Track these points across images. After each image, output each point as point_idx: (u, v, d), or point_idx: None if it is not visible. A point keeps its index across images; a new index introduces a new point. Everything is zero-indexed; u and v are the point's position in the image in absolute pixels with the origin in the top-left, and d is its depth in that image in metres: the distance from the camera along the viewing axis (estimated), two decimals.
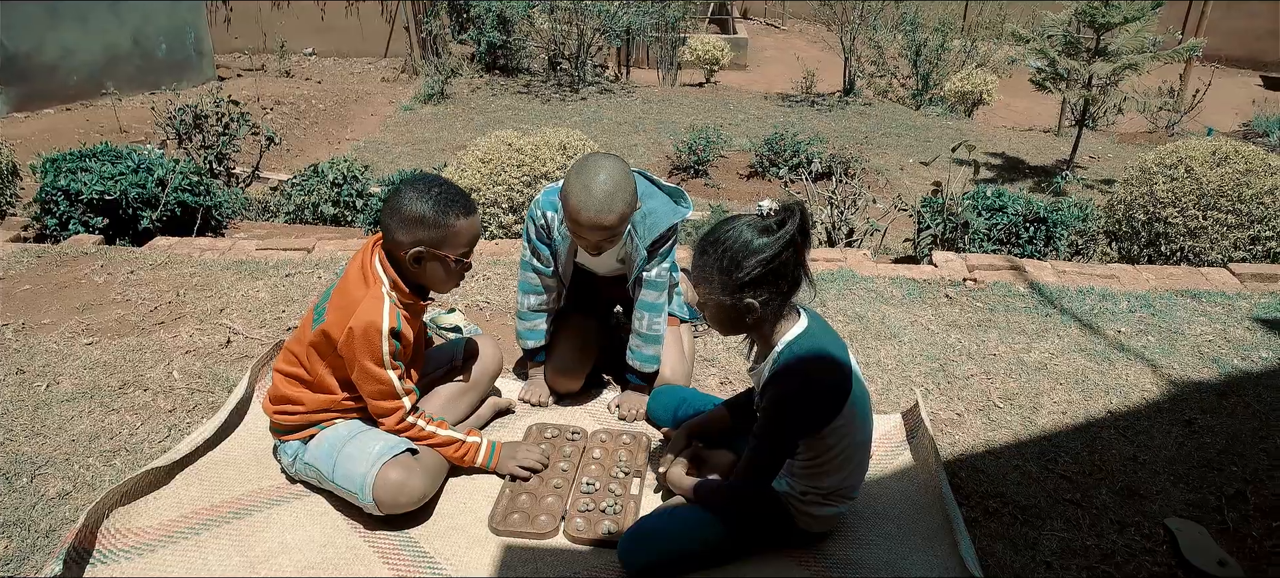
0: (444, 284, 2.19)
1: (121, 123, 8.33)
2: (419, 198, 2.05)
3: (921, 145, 8.93)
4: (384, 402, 2.14)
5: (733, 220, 1.85)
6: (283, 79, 11.33)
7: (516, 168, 4.37)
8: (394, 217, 2.07)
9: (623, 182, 2.25)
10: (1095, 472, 2.44)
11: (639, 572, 1.96)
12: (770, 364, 1.88)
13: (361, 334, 2.04)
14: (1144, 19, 7.93)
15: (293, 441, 2.22)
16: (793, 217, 1.78)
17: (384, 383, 2.11)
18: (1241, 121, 10.56)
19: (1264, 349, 3.16)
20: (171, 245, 3.99)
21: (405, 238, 2.07)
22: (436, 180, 2.10)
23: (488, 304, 3.41)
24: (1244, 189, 4.34)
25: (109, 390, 2.74)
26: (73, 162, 4.37)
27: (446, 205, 2.06)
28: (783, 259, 1.79)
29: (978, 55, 11.92)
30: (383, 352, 2.06)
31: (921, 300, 3.50)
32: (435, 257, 2.10)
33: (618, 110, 9.93)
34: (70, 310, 3.29)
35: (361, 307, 2.06)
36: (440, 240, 2.08)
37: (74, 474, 2.34)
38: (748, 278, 1.79)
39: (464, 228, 2.10)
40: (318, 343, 2.13)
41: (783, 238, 1.77)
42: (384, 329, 2.05)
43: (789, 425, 1.88)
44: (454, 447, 2.24)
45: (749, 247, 1.78)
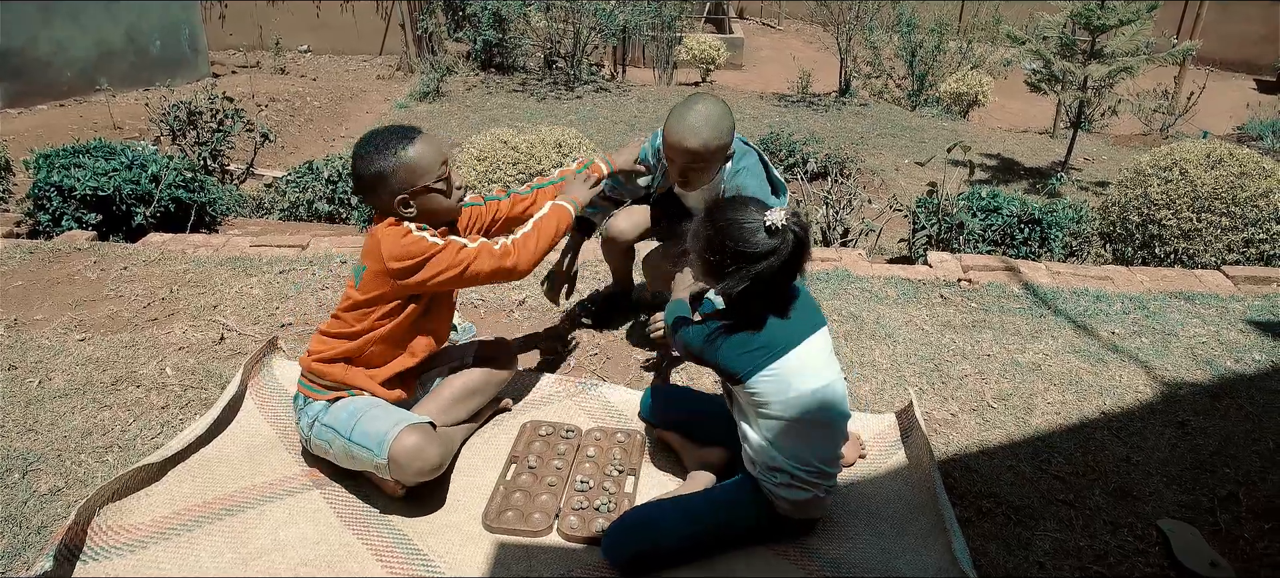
0: (446, 208, 2.22)
1: (115, 119, 8.30)
2: (367, 161, 2.11)
3: (917, 146, 8.94)
4: (462, 255, 2.16)
5: (744, 208, 1.87)
6: (278, 76, 11.31)
7: (512, 166, 4.36)
8: (364, 189, 2.15)
9: (715, 119, 2.45)
10: (1088, 473, 2.44)
11: (626, 564, 1.97)
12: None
13: (393, 247, 2.09)
14: (1139, 22, 7.95)
15: (318, 401, 2.20)
16: (785, 245, 1.82)
17: (445, 248, 2.14)
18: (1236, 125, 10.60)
19: (1257, 351, 3.17)
20: (165, 242, 3.98)
21: (386, 197, 2.12)
22: (370, 136, 2.15)
23: (482, 301, 3.41)
24: (1238, 192, 4.36)
25: (102, 387, 2.73)
26: (66, 158, 4.35)
27: (390, 147, 2.10)
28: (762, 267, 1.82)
29: (973, 57, 11.94)
30: (425, 238, 2.12)
31: (916, 300, 3.50)
32: (418, 192, 2.13)
33: (613, 109, 9.92)
34: (63, 307, 3.27)
35: (385, 233, 2.13)
36: (409, 177, 2.11)
37: (66, 471, 2.33)
38: (730, 287, 1.85)
39: (417, 152, 2.12)
40: (366, 284, 2.15)
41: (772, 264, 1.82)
42: (406, 226, 2.13)
43: (694, 343, 1.97)
44: (543, 225, 2.32)
45: (741, 253, 1.83)
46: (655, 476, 2.34)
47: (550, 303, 3.05)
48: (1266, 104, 11.68)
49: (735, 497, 2.03)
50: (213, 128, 6.01)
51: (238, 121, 6.13)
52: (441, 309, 2.35)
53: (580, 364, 2.97)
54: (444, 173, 2.18)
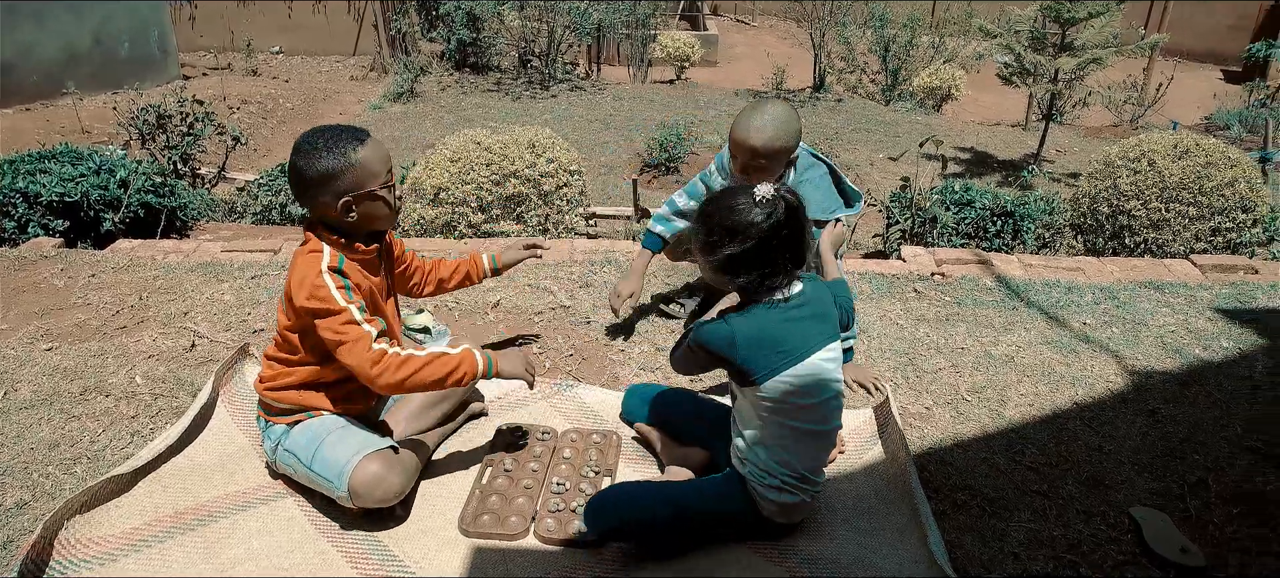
0: (386, 216, 2.15)
1: (83, 123, 8.19)
2: (314, 158, 2.00)
3: (891, 140, 8.99)
4: (347, 332, 2.00)
5: (734, 193, 1.91)
6: (249, 78, 11.20)
7: (485, 167, 4.34)
8: (305, 189, 2.04)
9: (782, 120, 2.52)
10: (1062, 463, 2.47)
11: (607, 532, 2.02)
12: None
13: (304, 284, 2.01)
14: (1108, 14, 8.04)
15: (278, 424, 2.18)
16: (777, 212, 1.85)
17: (341, 312, 2.00)
18: (1204, 115, 10.76)
19: (1224, 339, 3.21)
20: (134, 248, 3.93)
21: (328, 198, 2.03)
22: (317, 133, 2.05)
23: (457, 304, 3.39)
24: (1205, 182, 4.42)
25: (69, 397, 2.69)
26: (32, 163, 4.28)
27: (341, 147, 2.01)
28: (762, 249, 1.85)
29: (946, 51, 12.02)
30: (330, 288, 2.00)
31: (890, 295, 3.52)
32: (363, 197, 2.05)
33: (589, 108, 9.90)
34: (29, 316, 3.22)
35: (302, 260, 2.06)
36: (357, 181, 2.03)
37: (33, 483, 2.29)
38: (724, 256, 1.87)
39: (368, 154, 2.04)
40: (286, 321, 2.11)
41: (763, 229, 1.84)
42: (323, 267, 2.02)
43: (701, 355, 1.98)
44: (441, 365, 2.07)
45: (732, 225, 1.86)
46: (632, 476, 2.34)
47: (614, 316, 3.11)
48: (1233, 94, 11.84)
49: (723, 490, 2.04)
50: (183, 131, 5.95)
51: (208, 125, 6.07)
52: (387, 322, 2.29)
53: (556, 365, 2.96)
54: (389, 180, 2.10)
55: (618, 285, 3.01)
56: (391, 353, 2.04)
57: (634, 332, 3.17)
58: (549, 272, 3.64)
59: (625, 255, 3.81)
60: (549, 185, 4.46)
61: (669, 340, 3.10)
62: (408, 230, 4.46)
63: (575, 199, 4.63)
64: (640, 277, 3.04)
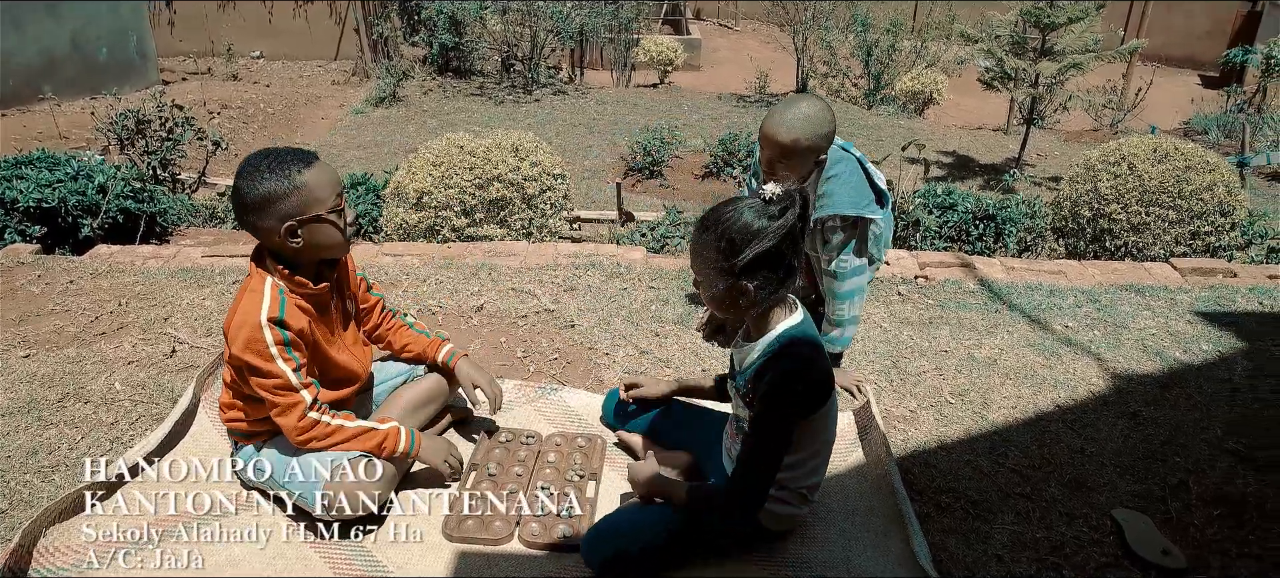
0: (337, 243, 2.05)
1: (60, 129, 8.10)
2: (256, 180, 1.91)
3: (874, 144, 9.02)
4: (280, 397, 1.97)
5: (735, 201, 1.82)
6: (229, 82, 11.12)
7: (469, 171, 4.33)
8: (247, 212, 1.94)
9: (812, 119, 2.45)
10: (1044, 465, 2.48)
11: (602, 566, 1.95)
12: (761, 350, 1.85)
13: (242, 331, 1.94)
14: (1088, 20, 8.12)
15: (247, 445, 2.17)
16: (793, 205, 1.75)
17: (277, 376, 1.96)
18: (1182, 120, 10.87)
19: (1204, 342, 3.24)
20: (113, 254, 3.88)
21: (271, 222, 1.93)
22: (261, 155, 1.96)
23: (441, 308, 3.37)
24: (1184, 186, 4.46)
25: (47, 404, 2.65)
26: (8, 169, 4.23)
27: (284, 169, 1.92)
28: (781, 247, 1.76)
29: (928, 55, 12.09)
30: (267, 342, 1.93)
31: (874, 298, 3.53)
32: (309, 221, 1.97)
33: (572, 112, 9.89)
34: (5, 323, 3.18)
35: (242, 302, 1.98)
36: (303, 204, 1.93)
37: (10, 492, 2.26)
38: (744, 262, 1.75)
39: (314, 177, 1.95)
40: (229, 360, 2.05)
41: (783, 226, 1.74)
42: (262, 318, 1.94)
43: (788, 420, 1.83)
44: (365, 439, 2.06)
45: (748, 230, 1.75)
46: (617, 480, 2.33)
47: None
48: (1211, 99, 11.99)
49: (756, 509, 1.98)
50: (162, 137, 5.88)
51: (188, 130, 6.00)
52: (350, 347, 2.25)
53: (540, 369, 2.95)
54: (339, 205, 2.01)
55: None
56: (321, 423, 2.03)
57: (618, 335, 3.17)
58: (533, 275, 3.63)
59: (609, 259, 3.81)
60: (533, 189, 4.45)
61: (652, 344, 3.10)
62: (391, 234, 4.43)
63: (559, 203, 4.62)
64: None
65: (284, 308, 1.98)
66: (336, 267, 2.18)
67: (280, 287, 2.00)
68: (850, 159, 2.63)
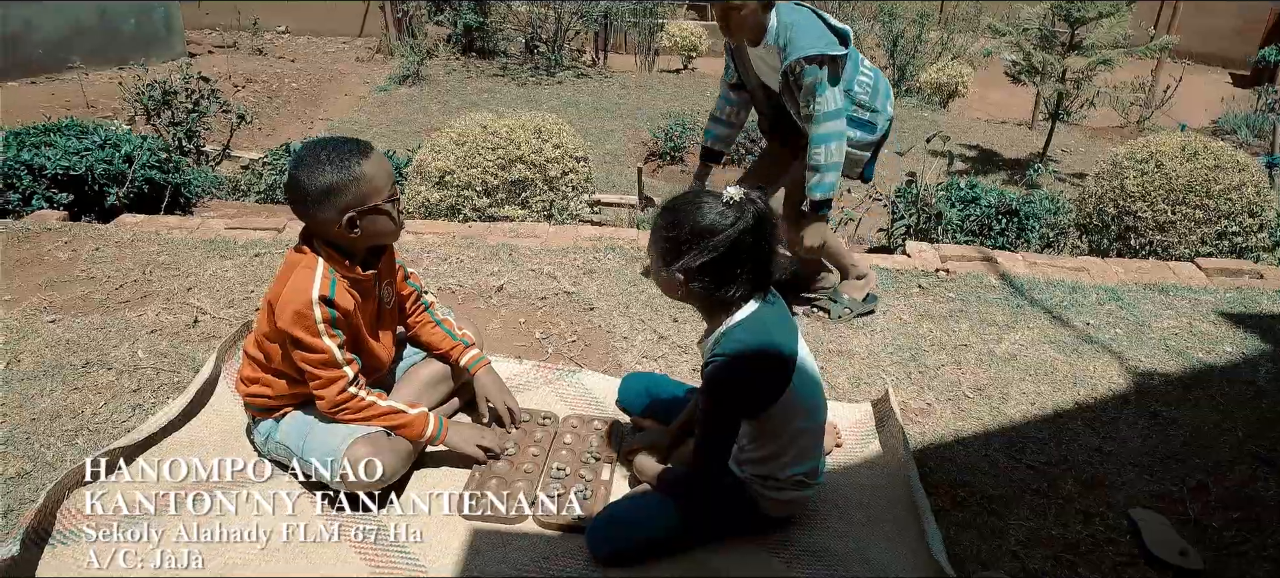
0: (391, 231, 2.11)
1: (88, 98, 8.17)
2: (316, 172, 1.94)
3: (897, 135, 8.95)
4: (322, 372, 2.03)
5: (698, 196, 1.84)
6: (255, 57, 11.17)
7: (491, 151, 4.33)
8: (307, 204, 1.98)
9: None
10: (1062, 462, 2.47)
11: (607, 559, 1.96)
12: (710, 346, 1.88)
13: (291, 304, 1.98)
14: (1118, 15, 8.02)
15: (265, 420, 2.20)
16: (743, 217, 1.77)
17: (322, 351, 2.01)
18: (1212, 118, 10.72)
19: (1228, 343, 3.21)
20: (138, 223, 3.92)
21: (330, 214, 1.97)
22: (318, 145, 1.99)
23: (461, 288, 3.39)
24: (1212, 185, 4.40)
25: (72, 369, 2.69)
26: (37, 136, 4.27)
27: (344, 160, 1.95)
28: (728, 253, 1.77)
29: (954, 47, 11.98)
30: (315, 318, 1.98)
31: (894, 290, 3.52)
32: (367, 211, 2.00)
33: (594, 95, 9.88)
34: (32, 287, 3.22)
35: (293, 278, 2.01)
36: (362, 195, 1.97)
37: (35, 454, 2.29)
38: (683, 262, 1.79)
39: (372, 168, 1.98)
40: (268, 330, 2.09)
41: (728, 237, 1.76)
42: (314, 296, 1.98)
43: (726, 410, 1.88)
44: (393, 417, 2.12)
45: (696, 229, 1.78)
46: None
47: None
48: (1241, 98, 11.80)
49: (725, 496, 2.01)
50: (188, 108, 5.93)
51: (214, 102, 6.05)
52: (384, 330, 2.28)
53: (558, 351, 2.96)
54: (394, 193, 2.06)
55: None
56: (357, 397, 2.08)
57: (637, 320, 3.17)
58: (553, 257, 3.64)
59: (629, 243, 3.81)
60: (555, 171, 4.45)
61: (671, 329, 3.10)
62: (412, 212, 4.45)
63: (581, 185, 4.62)
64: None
65: (334, 288, 2.02)
66: (382, 254, 2.21)
67: (331, 269, 2.04)
68: (804, 10, 2.84)
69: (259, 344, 2.15)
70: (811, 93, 2.77)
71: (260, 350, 2.15)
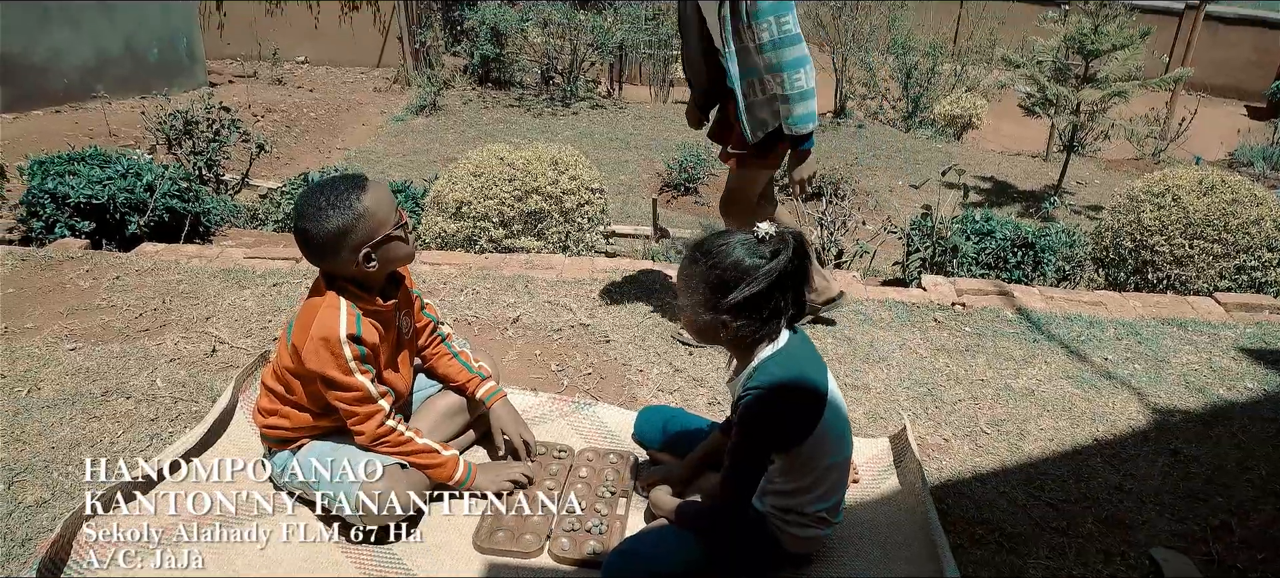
0: (406, 254, 2.13)
1: (111, 127, 8.29)
2: (322, 219, 1.96)
3: (911, 167, 8.97)
4: (360, 408, 2.07)
5: (728, 235, 1.84)
6: (275, 86, 11.30)
7: (508, 183, 4.36)
8: (320, 252, 2.01)
9: None
10: (1081, 500, 2.44)
11: None
12: (743, 380, 1.87)
13: (321, 345, 2.00)
14: (1132, 47, 8.02)
15: (281, 451, 2.20)
16: (785, 249, 1.77)
17: (357, 389, 2.05)
18: (1227, 150, 10.68)
19: (1249, 379, 3.18)
20: (158, 252, 3.96)
21: (345, 254, 2.00)
22: (315, 193, 2.00)
23: (476, 319, 3.40)
24: (1230, 218, 4.38)
25: (91, 398, 2.71)
26: (61, 165, 4.34)
27: (345, 201, 1.97)
28: (770, 289, 1.77)
29: (967, 79, 12.00)
30: (346, 357, 2.01)
31: (910, 324, 3.51)
32: (380, 243, 2.03)
33: (609, 126, 9.95)
34: (54, 315, 3.25)
35: (317, 318, 2.03)
36: (372, 229, 2.00)
37: (53, 482, 2.31)
38: (729, 301, 1.77)
39: (374, 202, 2.00)
40: (291, 365, 2.10)
41: (773, 270, 1.76)
42: (341, 335, 2.00)
43: (759, 444, 1.87)
44: (428, 456, 2.15)
45: (738, 267, 1.77)
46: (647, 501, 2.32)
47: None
48: (1257, 130, 11.76)
49: (745, 530, 2.00)
50: (209, 138, 6.00)
51: (234, 132, 6.13)
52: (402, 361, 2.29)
53: (574, 383, 2.96)
54: (401, 218, 2.08)
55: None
56: (396, 432, 2.11)
57: (653, 352, 3.17)
58: (568, 289, 3.65)
59: (645, 274, 3.82)
60: (571, 202, 4.47)
61: (687, 362, 3.10)
62: (428, 243, 4.48)
63: (596, 217, 4.64)
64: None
65: (360, 325, 2.04)
66: (401, 284, 2.23)
67: (353, 305, 2.06)
68: None
69: (279, 376, 2.16)
70: (771, 13, 2.63)
71: (279, 382, 2.16)
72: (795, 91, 2.72)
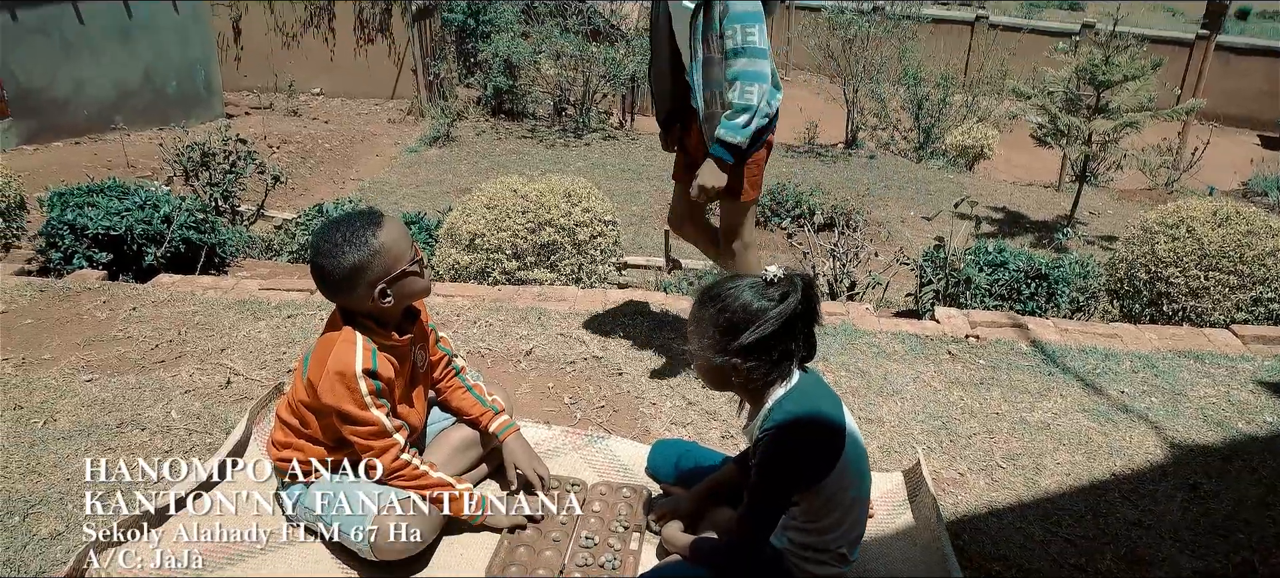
0: (422, 289, 2.15)
1: (129, 158, 8.39)
2: (338, 256, 1.98)
3: (923, 198, 8.97)
4: (375, 442, 2.08)
5: (737, 280, 1.84)
6: (290, 118, 11.43)
7: (521, 215, 4.38)
8: (338, 289, 2.03)
9: None
10: (1100, 536, 2.41)
11: None
12: (760, 423, 1.86)
13: (337, 380, 2.01)
14: (1143, 77, 8.03)
15: (295, 484, 2.20)
16: (794, 291, 1.77)
17: (372, 423, 2.06)
18: (1241, 180, 10.64)
19: (1268, 413, 3.15)
20: (174, 283, 3.99)
21: (361, 291, 2.02)
22: (332, 229, 2.03)
23: (490, 351, 3.40)
24: (1245, 250, 4.36)
25: (106, 429, 2.72)
26: (80, 196, 4.39)
27: (361, 237, 1.99)
28: (780, 331, 1.77)
29: (979, 110, 12.03)
30: (362, 393, 2.02)
31: (924, 356, 3.49)
32: (396, 278, 2.04)
33: (622, 157, 10.00)
34: (71, 346, 3.28)
35: (333, 353, 2.04)
36: (388, 265, 2.02)
37: (67, 514, 2.31)
38: (740, 344, 1.77)
39: (390, 238, 2.02)
40: (307, 399, 2.11)
41: (782, 312, 1.76)
42: (357, 370, 2.01)
43: (780, 484, 1.85)
44: (442, 490, 2.15)
45: (748, 309, 1.77)
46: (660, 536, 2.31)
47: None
48: (1270, 159, 11.73)
49: (762, 569, 1.98)
50: (225, 169, 6.07)
51: (250, 163, 6.19)
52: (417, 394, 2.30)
53: (587, 416, 2.96)
54: (416, 254, 2.09)
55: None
56: (412, 465, 2.12)
57: (666, 385, 3.17)
58: (581, 321, 3.65)
59: (657, 305, 3.82)
60: (584, 234, 4.49)
61: (700, 395, 3.09)
62: (442, 274, 4.50)
63: (609, 249, 4.65)
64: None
65: (376, 360, 2.05)
66: (416, 320, 2.24)
67: (370, 340, 2.07)
68: None
69: (294, 409, 2.16)
70: (747, 17, 2.61)
71: (294, 416, 2.16)
72: (742, 102, 2.68)
